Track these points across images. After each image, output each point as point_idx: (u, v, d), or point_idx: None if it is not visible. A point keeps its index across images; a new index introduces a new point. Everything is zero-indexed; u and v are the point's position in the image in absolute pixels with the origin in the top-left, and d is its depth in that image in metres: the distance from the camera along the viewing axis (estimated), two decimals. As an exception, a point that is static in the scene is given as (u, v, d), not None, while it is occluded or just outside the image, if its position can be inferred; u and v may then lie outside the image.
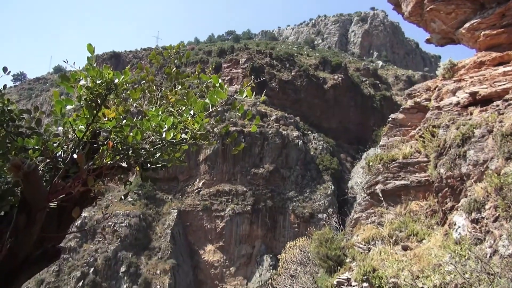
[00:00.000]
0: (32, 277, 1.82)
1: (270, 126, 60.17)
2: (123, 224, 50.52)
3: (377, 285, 10.89)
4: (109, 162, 3.17)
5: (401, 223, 12.65)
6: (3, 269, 1.64)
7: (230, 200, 54.59)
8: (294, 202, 53.99)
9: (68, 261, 47.21)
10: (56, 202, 2.31)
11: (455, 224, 10.84)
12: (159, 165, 3.07)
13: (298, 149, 58.72)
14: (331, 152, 62.42)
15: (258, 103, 64.59)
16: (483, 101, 13.29)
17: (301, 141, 59.72)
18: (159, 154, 3.08)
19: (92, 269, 45.88)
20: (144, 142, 3.10)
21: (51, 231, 2.17)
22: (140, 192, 55.16)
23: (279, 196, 55.19)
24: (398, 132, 16.72)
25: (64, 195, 2.37)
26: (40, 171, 2.70)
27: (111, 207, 53.26)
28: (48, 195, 1.71)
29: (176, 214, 53.35)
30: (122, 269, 46.51)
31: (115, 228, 50.08)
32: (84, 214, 51.83)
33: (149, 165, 3.15)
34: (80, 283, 44.54)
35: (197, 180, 57.18)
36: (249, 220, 53.07)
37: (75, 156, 2.79)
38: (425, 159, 13.90)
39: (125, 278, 45.94)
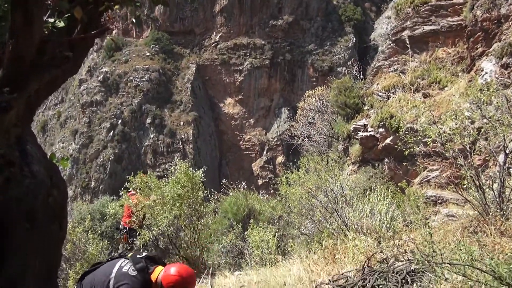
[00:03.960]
0: (44, 84, 1.74)
1: (290, -29, 54.82)
2: (144, 79, 51.40)
3: (393, 130, 11.19)
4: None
5: (424, 71, 12.28)
6: (11, 72, 1.55)
7: (248, 54, 53.66)
8: (313, 56, 52.77)
9: (97, 114, 49.92)
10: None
11: (482, 70, 10.45)
12: (169, -19, 2.73)
13: (320, -3, 54.48)
14: (355, 1, 57.83)
15: None
16: None
17: (323, -11, 54.97)
18: (168, -31, 2.71)
19: (120, 121, 48.72)
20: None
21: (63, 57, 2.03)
22: (157, 46, 54.43)
23: (298, 49, 53.67)
24: (435, -29, 14.89)
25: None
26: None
27: (130, 62, 53.49)
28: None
29: (194, 68, 53.42)
30: (148, 120, 49.19)
31: (136, 82, 51.17)
32: (105, 68, 52.57)
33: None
34: (111, 133, 47.90)
35: (214, 34, 55.40)
36: (267, 74, 53.00)
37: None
38: (461, 0, 12.67)
39: (152, 129, 48.95)
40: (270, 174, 49.88)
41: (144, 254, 3.62)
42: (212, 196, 9.94)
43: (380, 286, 4.47)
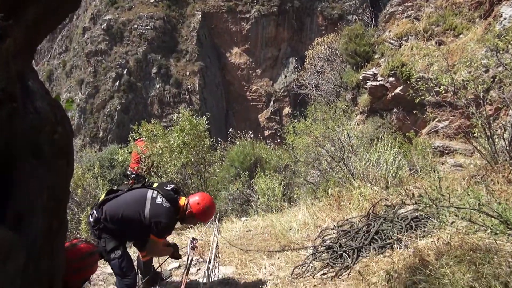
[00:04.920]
0: (42, 13, 1.64)
1: None
2: (148, 27, 50.17)
3: (403, 79, 10.92)
4: None
5: (439, 17, 11.73)
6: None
7: (255, 1, 51.73)
8: (323, 3, 50.78)
9: (102, 63, 49.35)
10: None
11: (501, 16, 9.96)
12: None
13: None
14: None
15: None
16: None
17: None
18: None
19: (125, 71, 48.22)
20: None
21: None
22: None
23: (307, -5, 51.61)
24: None
25: None
26: None
27: (134, 9, 51.96)
28: None
29: (200, 16, 51.83)
30: (154, 70, 48.63)
31: (141, 30, 49.99)
32: (109, 16, 51.18)
33: None
34: (117, 83, 47.60)
35: (220, -21, 53.15)
36: (275, 22, 51.39)
37: None
38: None
39: (157, 78, 48.50)
40: (276, 125, 49.84)
41: (169, 186, 4.13)
42: (219, 145, 9.96)
43: (384, 231, 4.54)
